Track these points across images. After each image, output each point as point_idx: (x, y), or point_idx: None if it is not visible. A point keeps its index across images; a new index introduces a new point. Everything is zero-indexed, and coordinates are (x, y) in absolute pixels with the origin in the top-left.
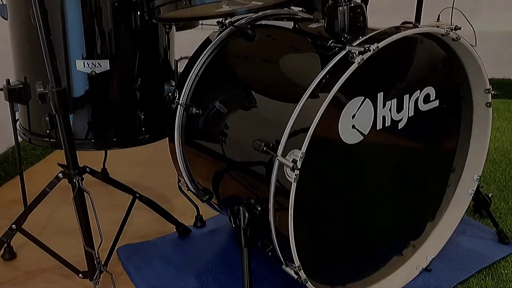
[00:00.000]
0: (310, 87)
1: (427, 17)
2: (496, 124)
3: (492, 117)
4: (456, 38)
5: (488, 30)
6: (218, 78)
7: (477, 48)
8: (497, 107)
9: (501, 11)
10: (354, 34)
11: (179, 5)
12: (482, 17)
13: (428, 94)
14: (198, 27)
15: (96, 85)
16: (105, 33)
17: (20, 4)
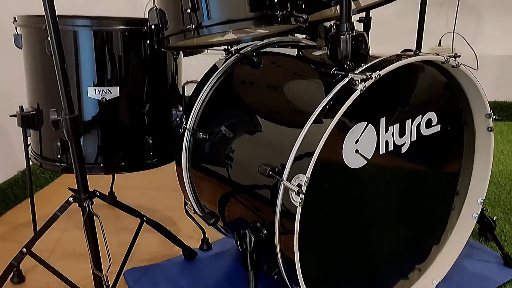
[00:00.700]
0: (314, 113)
1: (429, 41)
2: (500, 147)
3: (496, 140)
4: (456, 65)
5: (490, 53)
6: (225, 104)
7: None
8: (501, 130)
9: (503, 35)
10: (356, 62)
11: (188, 35)
12: (484, 40)
13: (430, 119)
14: (204, 52)
15: (106, 111)
16: (116, 61)
17: (35, 35)
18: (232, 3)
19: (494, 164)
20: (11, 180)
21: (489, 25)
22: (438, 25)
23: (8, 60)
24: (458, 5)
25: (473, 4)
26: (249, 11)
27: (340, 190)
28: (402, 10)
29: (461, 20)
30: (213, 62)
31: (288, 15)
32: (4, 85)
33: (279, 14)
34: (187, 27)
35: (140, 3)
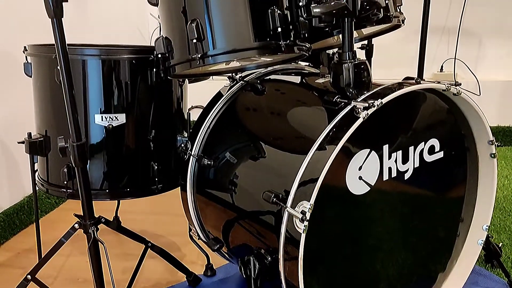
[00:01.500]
0: (318, 140)
1: (430, 66)
2: (504, 172)
3: (500, 165)
4: (457, 93)
5: (491, 79)
6: (229, 131)
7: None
8: (505, 155)
9: (504, 60)
10: (359, 89)
11: (193, 64)
12: (485, 66)
13: (433, 146)
14: (209, 78)
15: (112, 138)
16: (123, 89)
17: (45, 63)
18: (237, 33)
19: (499, 190)
20: (17, 206)
21: (490, 51)
22: (439, 51)
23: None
24: (459, 32)
25: (474, 31)
26: (254, 41)
27: (344, 216)
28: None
29: (462, 46)
30: (218, 86)
31: (291, 44)
32: (13, 112)
33: (282, 43)
34: (193, 56)
35: (146, 30)
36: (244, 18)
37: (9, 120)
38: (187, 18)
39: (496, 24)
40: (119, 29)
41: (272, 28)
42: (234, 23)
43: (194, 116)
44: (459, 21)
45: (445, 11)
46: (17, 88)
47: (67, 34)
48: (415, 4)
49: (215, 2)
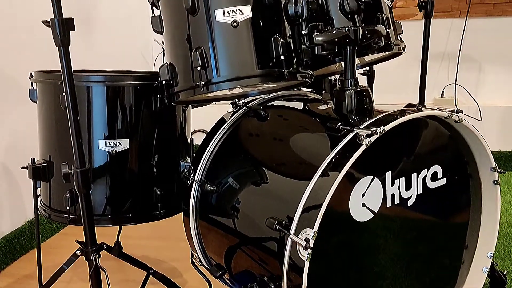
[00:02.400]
0: (321, 166)
1: (431, 91)
2: (508, 197)
3: (503, 190)
4: (459, 120)
5: (492, 104)
6: (232, 156)
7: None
8: (508, 180)
9: (504, 86)
10: (361, 116)
11: (197, 91)
12: (485, 91)
13: (436, 172)
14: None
15: (116, 163)
16: (127, 115)
17: (50, 89)
18: (240, 61)
19: (502, 215)
20: (18, 231)
21: (490, 77)
22: (440, 77)
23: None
24: (459, 58)
25: (474, 57)
26: (257, 68)
27: (347, 243)
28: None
29: (463, 72)
30: (221, 110)
31: (294, 72)
32: (16, 138)
33: (285, 71)
34: (197, 83)
35: (150, 55)
36: (248, 46)
37: (12, 145)
38: (191, 46)
39: (495, 50)
40: (123, 54)
41: (275, 56)
42: (238, 51)
43: (197, 140)
44: (459, 47)
45: (444, 37)
46: (20, 114)
47: (71, 59)
48: (415, 31)
49: (219, 31)
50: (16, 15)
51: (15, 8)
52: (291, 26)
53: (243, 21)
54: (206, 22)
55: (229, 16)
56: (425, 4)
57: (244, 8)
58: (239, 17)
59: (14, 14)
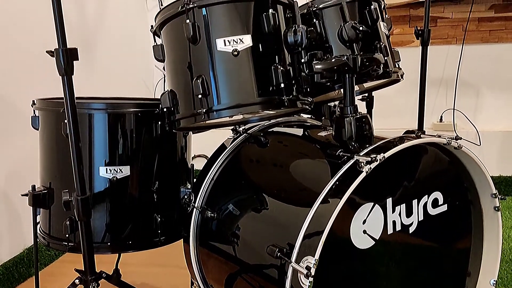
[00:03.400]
0: (322, 193)
1: (430, 116)
2: (509, 223)
3: (504, 216)
4: (458, 146)
5: (491, 129)
6: (233, 183)
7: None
8: (509, 205)
9: (502, 111)
10: (361, 143)
11: (198, 118)
12: (484, 116)
13: (436, 199)
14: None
15: (116, 190)
16: (128, 142)
17: (52, 117)
18: (241, 89)
19: (505, 241)
20: (16, 258)
21: (488, 101)
22: (438, 102)
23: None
24: (457, 83)
25: (471, 82)
26: (257, 96)
27: (349, 271)
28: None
29: (461, 97)
30: (221, 135)
31: (294, 99)
32: (16, 165)
33: (285, 98)
34: (198, 111)
35: (151, 82)
36: (248, 74)
37: (13, 172)
38: (192, 74)
39: (492, 75)
40: (124, 80)
41: (275, 83)
42: (239, 79)
43: (198, 165)
44: (456, 73)
45: (442, 63)
46: (22, 141)
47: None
48: (413, 57)
49: (220, 59)
50: (19, 43)
51: (17, 36)
52: (290, 54)
53: (243, 50)
54: (207, 51)
55: (229, 45)
56: (422, 32)
57: (244, 38)
58: (240, 46)
59: (17, 42)
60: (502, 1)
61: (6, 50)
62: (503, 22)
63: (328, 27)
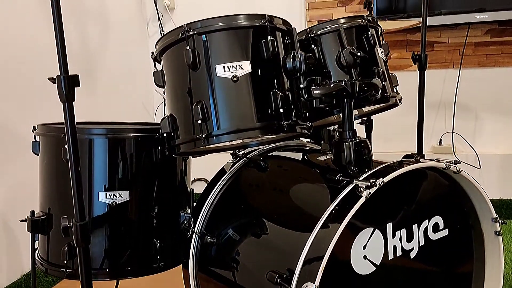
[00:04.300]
0: (322, 218)
1: (429, 139)
2: (511, 247)
3: (506, 239)
4: (457, 171)
5: (491, 152)
6: (232, 208)
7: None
8: (510, 229)
9: (501, 134)
10: (360, 167)
11: (198, 143)
12: (483, 139)
13: (437, 223)
14: None
15: (116, 215)
16: (128, 167)
17: (52, 142)
18: (240, 114)
19: (506, 265)
20: (14, 284)
21: (487, 124)
22: (437, 125)
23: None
24: (455, 107)
25: (469, 105)
26: (256, 121)
27: None
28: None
29: (459, 120)
30: (221, 159)
31: (293, 124)
32: (15, 190)
33: (284, 123)
34: (198, 136)
35: (151, 106)
36: (247, 100)
37: (12, 198)
38: (192, 99)
39: (490, 99)
40: (124, 105)
41: (274, 108)
42: (238, 105)
43: (197, 188)
44: (454, 96)
45: (440, 87)
46: (21, 166)
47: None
48: (411, 80)
49: (219, 85)
50: (21, 69)
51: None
52: (289, 79)
53: (242, 76)
54: (207, 77)
55: (229, 71)
56: (419, 57)
57: (243, 64)
58: (239, 72)
59: (19, 68)
60: (498, 26)
61: (8, 76)
62: (500, 47)
63: (326, 52)
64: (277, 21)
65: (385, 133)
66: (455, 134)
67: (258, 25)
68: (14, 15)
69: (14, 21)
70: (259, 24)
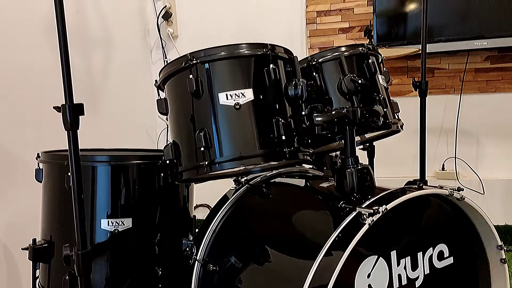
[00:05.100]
0: (325, 245)
1: (432, 164)
2: None
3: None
4: (461, 198)
5: (494, 177)
6: (235, 235)
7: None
8: None
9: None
10: (363, 194)
11: (200, 171)
12: (486, 164)
13: (442, 251)
14: None
15: (118, 243)
16: (130, 194)
17: (56, 170)
18: (243, 142)
19: None
20: None
21: (489, 150)
22: (439, 150)
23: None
24: (457, 132)
25: (471, 131)
26: (259, 148)
27: None
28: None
29: (462, 145)
30: (223, 184)
31: (295, 151)
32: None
33: (287, 150)
34: (200, 163)
35: (154, 131)
36: (250, 127)
37: (13, 225)
38: (195, 127)
39: (492, 124)
40: (128, 131)
41: (276, 136)
42: (240, 132)
43: (199, 214)
44: (455, 121)
45: (441, 112)
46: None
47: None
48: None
49: (222, 113)
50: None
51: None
52: (291, 107)
53: (245, 103)
54: (209, 105)
55: (232, 99)
56: (420, 84)
57: (246, 92)
58: (242, 100)
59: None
60: (497, 52)
61: (13, 103)
62: (500, 73)
63: (327, 80)
64: (279, 50)
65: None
66: (457, 159)
67: (260, 54)
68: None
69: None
70: (261, 53)
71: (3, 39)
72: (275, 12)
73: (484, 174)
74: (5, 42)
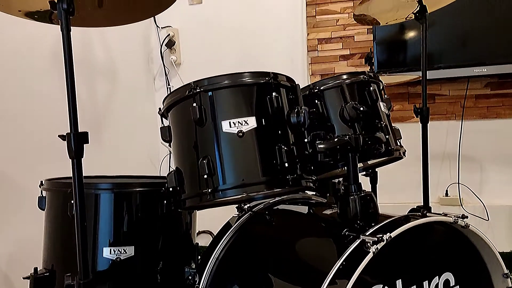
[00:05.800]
0: (329, 274)
1: (436, 190)
2: None
3: None
4: (465, 225)
5: (498, 203)
6: (238, 263)
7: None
8: None
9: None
10: (366, 221)
11: (203, 198)
12: (490, 190)
13: (448, 280)
14: None
15: (120, 271)
16: (133, 221)
17: (59, 197)
18: (246, 169)
19: None
20: None
21: (493, 176)
22: (442, 176)
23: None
24: (459, 158)
25: (474, 157)
26: (262, 175)
27: None
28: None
29: (465, 171)
30: (226, 210)
31: (298, 178)
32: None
33: (289, 177)
34: (204, 191)
35: (156, 158)
36: (253, 155)
37: (15, 254)
38: (198, 154)
39: (494, 150)
40: (130, 158)
41: (279, 163)
42: (243, 160)
43: (202, 241)
44: (458, 147)
45: (443, 138)
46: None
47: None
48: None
49: (225, 140)
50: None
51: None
52: (294, 134)
53: (248, 131)
54: (213, 132)
55: (235, 127)
56: (421, 110)
57: (249, 119)
58: (245, 128)
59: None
60: (497, 79)
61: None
62: (500, 99)
63: (329, 107)
64: (281, 78)
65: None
66: (461, 185)
67: (262, 82)
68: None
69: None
70: (264, 81)
71: (11, 67)
72: (277, 40)
73: (488, 200)
74: (12, 70)
